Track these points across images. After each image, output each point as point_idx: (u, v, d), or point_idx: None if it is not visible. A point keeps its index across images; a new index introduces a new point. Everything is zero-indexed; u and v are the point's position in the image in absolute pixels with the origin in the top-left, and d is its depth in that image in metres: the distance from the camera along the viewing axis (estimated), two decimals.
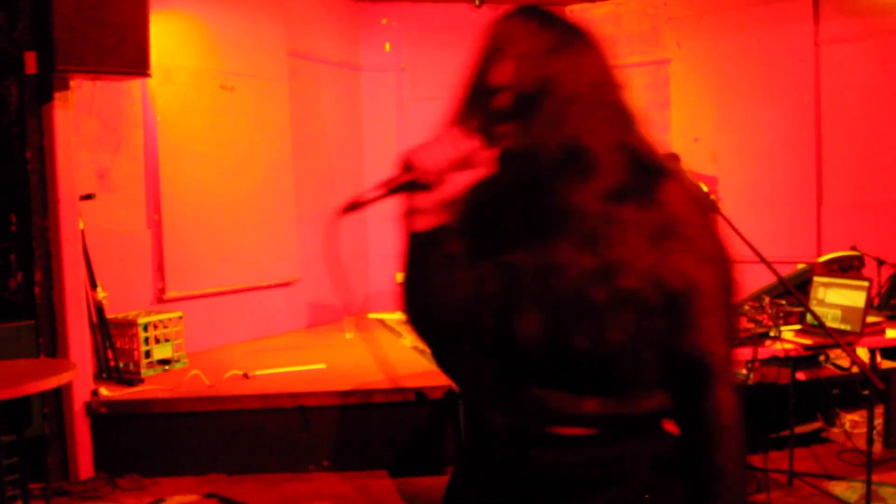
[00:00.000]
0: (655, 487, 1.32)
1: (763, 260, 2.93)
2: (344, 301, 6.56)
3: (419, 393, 4.48)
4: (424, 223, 1.38)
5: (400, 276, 1.48)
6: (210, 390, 4.73)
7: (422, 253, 1.39)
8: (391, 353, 5.77)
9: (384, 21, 8.12)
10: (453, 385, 4.42)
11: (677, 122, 7.92)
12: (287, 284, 7.00)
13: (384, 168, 7.26)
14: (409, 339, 6.23)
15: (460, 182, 1.35)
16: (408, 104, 8.13)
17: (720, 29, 7.70)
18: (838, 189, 7.28)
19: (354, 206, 1.38)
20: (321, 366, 5.29)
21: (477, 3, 8.13)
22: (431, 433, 4.52)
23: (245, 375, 5.02)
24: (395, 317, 7.52)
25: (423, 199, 1.36)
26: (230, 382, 4.90)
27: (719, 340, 1.30)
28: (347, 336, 6.48)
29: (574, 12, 8.42)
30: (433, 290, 1.38)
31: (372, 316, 7.70)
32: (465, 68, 1.40)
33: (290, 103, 7.02)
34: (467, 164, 1.33)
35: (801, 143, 7.38)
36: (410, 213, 1.39)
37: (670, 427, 1.37)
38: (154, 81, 5.71)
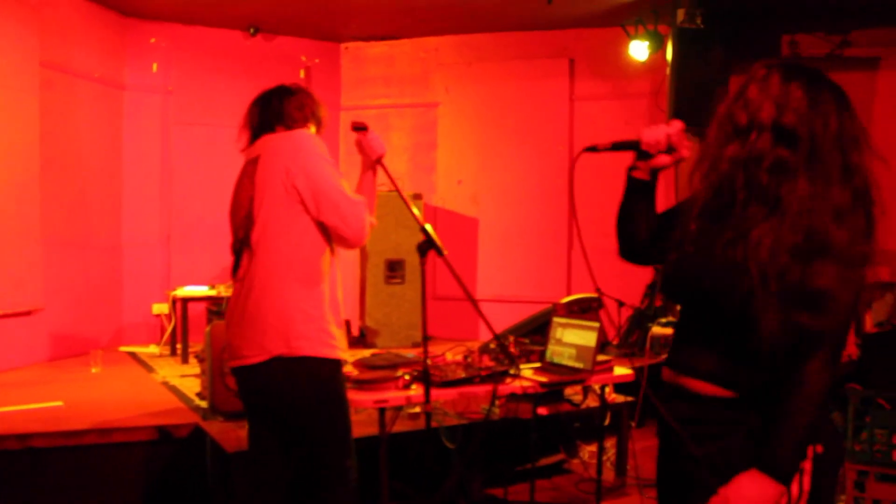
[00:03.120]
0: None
1: (471, 300, 3.07)
2: None
3: (163, 431, 4.26)
4: (638, 175, 1.94)
5: None
6: None
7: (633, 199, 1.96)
8: (139, 388, 5.45)
9: (153, 40, 7.79)
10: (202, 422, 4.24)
11: (443, 164, 8.20)
12: (27, 314, 6.43)
13: (146, 192, 6.93)
14: (161, 374, 5.93)
15: (664, 160, 1.90)
16: (173, 128, 7.81)
17: (486, 78, 8.11)
18: (586, 234, 7.81)
19: (593, 148, 1.96)
20: (58, 403, 4.88)
21: (251, 31, 8.02)
22: (176, 473, 4.29)
23: None
24: (149, 350, 7.14)
25: (640, 161, 1.92)
26: None
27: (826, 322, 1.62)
28: (94, 370, 6.05)
29: (349, 49, 8.54)
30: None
31: (124, 349, 7.25)
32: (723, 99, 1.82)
33: (40, 118, 6.51)
34: (673, 150, 1.88)
35: (556, 190, 7.89)
36: (632, 168, 1.94)
37: None
38: None
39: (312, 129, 2.85)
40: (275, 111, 2.82)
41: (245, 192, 2.74)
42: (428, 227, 2.86)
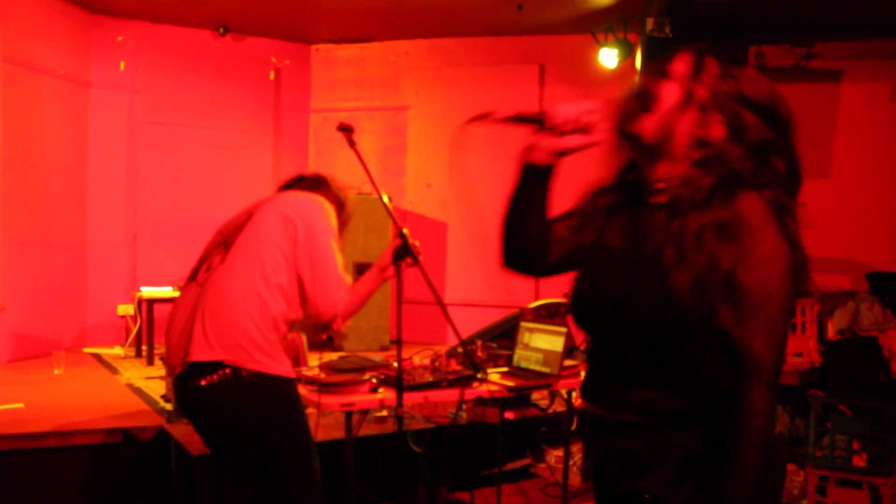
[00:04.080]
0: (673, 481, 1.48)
1: (441, 304, 3.07)
2: None
3: (127, 433, 4.20)
4: (537, 158, 1.63)
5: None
6: None
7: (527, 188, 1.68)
8: (103, 390, 5.38)
9: (120, 38, 7.71)
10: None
11: (412, 168, 8.20)
12: None
13: (111, 192, 6.85)
14: (125, 376, 5.86)
15: (574, 142, 1.59)
16: (140, 128, 7.73)
17: (457, 83, 8.13)
18: None
19: (482, 116, 1.62)
20: (18, 405, 4.80)
21: (221, 31, 7.97)
22: (140, 477, 4.24)
23: None
24: (114, 352, 7.05)
25: (542, 139, 1.61)
26: None
27: (765, 340, 1.41)
28: (56, 372, 5.96)
29: (319, 51, 8.52)
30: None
31: (88, 350, 7.15)
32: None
33: (2, 114, 6.41)
34: (587, 130, 1.58)
35: None
36: (529, 147, 1.64)
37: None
38: None
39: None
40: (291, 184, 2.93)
41: (247, 211, 2.74)
42: (405, 231, 2.86)
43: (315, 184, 2.88)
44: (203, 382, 2.51)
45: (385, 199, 2.97)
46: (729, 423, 1.43)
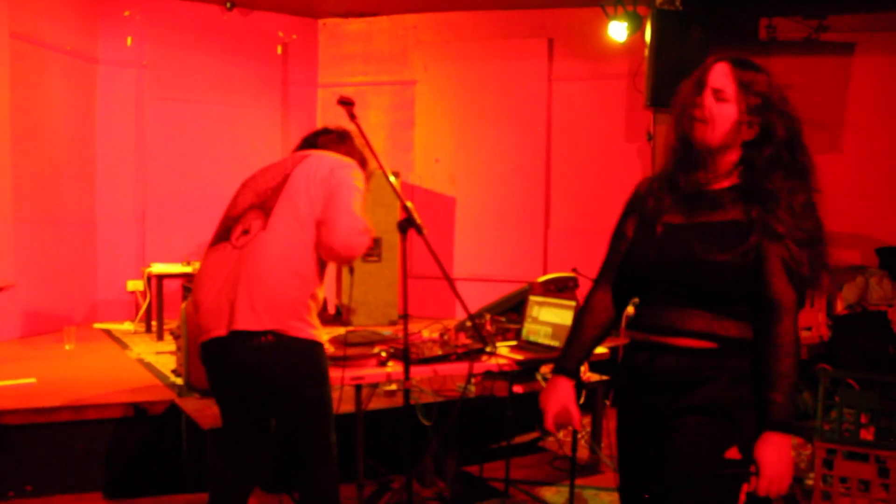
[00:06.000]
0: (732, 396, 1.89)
1: (448, 278, 3.07)
2: None
3: (138, 408, 4.24)
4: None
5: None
6: None
7: None
8: (114, 365, 5.41)
9: (126, 13, 7.68)
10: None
11: (420, 142, 8.18)
12: None
13: (120, 168, 6.84)
14: (136, 351, 5.89)
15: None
16: (148, 103, 7.72)
17: (465, 56, 8.08)
18: (563, 214, 7.87)
19: None
20: (31, 380, 4.84)
21: (228, 5, 7.92)
22: (151, 451, 4.28)
23: None
24: (124, 327, 7.09)
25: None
26: None
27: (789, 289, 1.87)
28: (67, 347, 6.00)
29: (327, 26, 8.47)
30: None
31: (98, 326, 7.19)
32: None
33: (10, 91, 6.41)
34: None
35: (533, 170, 7.91)
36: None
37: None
38: None
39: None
40: (311, 142, 2.97)
41: (281, 170, 2.73)
42: (409, 204, 2.85)
43: (341, 137, 2.94)
44: (244, 345, 2.55)
45: (389, 174, 2.96)
46: (770, 351, 1.86)
